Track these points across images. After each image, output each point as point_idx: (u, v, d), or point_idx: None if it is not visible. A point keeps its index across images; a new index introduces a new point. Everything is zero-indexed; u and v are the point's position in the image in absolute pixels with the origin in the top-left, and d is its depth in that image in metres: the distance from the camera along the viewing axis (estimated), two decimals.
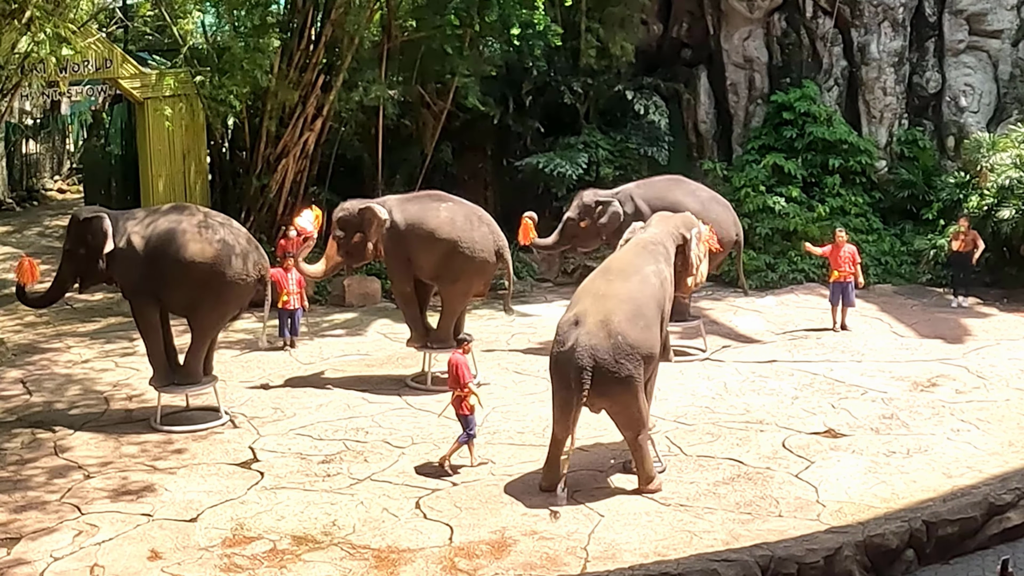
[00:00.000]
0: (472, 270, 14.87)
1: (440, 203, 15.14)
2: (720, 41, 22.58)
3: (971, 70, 21.82)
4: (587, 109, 22.26)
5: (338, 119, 20.84)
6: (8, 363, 16.10)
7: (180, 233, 13.23)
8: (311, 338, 17.30)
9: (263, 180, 20.38)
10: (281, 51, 19.90)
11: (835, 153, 21.16)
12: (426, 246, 14.69)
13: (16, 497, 11.53)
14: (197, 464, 12.38)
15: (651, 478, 11.37)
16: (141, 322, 13.65)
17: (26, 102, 27.20)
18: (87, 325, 18.12)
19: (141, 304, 13.53)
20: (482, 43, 21.27)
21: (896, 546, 10.58)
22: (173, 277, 13.20)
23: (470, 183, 21.85)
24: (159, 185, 20.49)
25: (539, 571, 9.89)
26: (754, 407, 13.93)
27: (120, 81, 20.23)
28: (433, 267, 14.79)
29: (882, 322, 17.74)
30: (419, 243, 14.70)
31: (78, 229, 13.44)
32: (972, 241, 18.49)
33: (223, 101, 19.49)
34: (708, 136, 22.83)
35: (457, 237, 14.66)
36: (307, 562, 10.10)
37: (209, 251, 13.19)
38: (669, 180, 17.24)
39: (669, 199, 16.11)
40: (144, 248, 13.25)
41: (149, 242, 13.28)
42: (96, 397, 14.73)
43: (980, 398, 14.19)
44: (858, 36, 21.78)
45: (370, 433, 13.23)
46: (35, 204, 28.98)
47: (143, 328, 13.67)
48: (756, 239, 20.63)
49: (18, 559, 10.19)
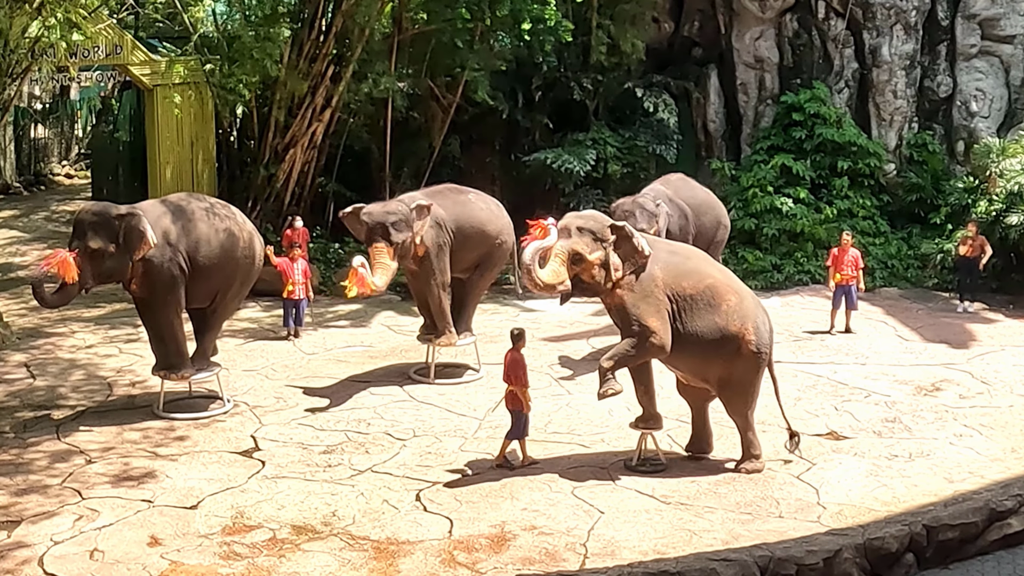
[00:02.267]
0: (502, 260, 15.37)
1: (468, 195, 15.29)
2: (731, 40, 22.54)
3: (983, 75, 21.76)
4: (596, 106, 22.24)
5: (347, 110, 20.83)
6: (12, 347, 16.12)
7: (210, 226, 13.42)
8: (315, 328, 17.30)
9: (271, 170, 20.39)
10: (291, 41, 19.92)
11: (844, 155, 21.13)
12: (474, 239, 14.83)
13: (18, 480, 11.55)
14: (199, 452, 12.40)
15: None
16: (171, 317, 13.32)
17: (35, 87, 27.27)
18: (92, 311, 18.14)
19: (174, 299, 13.26)
20: (492, 37, 21.27)
21: (896, 549, 10.56)
22: (207, 269, 13.36)
23: (477, 177, 21.82)
24: (167, 173, 20.51)
25: (538, 566, 9.88)
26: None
27: (130, 68, 20.26)
28: (475, 259, 15.00)
29: (887, 325, 17.71)
30: (466, 237, 14.74)
31: (110, 226, 12.76)
32: (980, 246, 18.45)
33: (232, 90, 19.50)
34: (717, 135, 22.79)
35: (499, 229, 15.06)
36: (306, 552, 10.10)
37: (236, 239, 13.60)
38: (680, 179, 17.31)
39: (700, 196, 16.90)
40: (179, 243, 13.17)
41: (186, 238, 13.23)
42: (99, 382, 14.75)
43: (984, 403, 14.16)
44: (870, 38, 21.73)
45: (372, 424, 13.23)
46: (42, 189, 29.06)
47: (173, 323, 13.35)
48: (763, 240, 20.60)
49: (18, 542, 10.21)
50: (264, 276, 18.88)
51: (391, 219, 13.85)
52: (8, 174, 28.24)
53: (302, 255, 17.22)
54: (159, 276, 13.05)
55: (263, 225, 20.43)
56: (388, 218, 13.85)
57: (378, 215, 13.91)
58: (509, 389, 11.95)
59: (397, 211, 13.96)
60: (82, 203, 26.59)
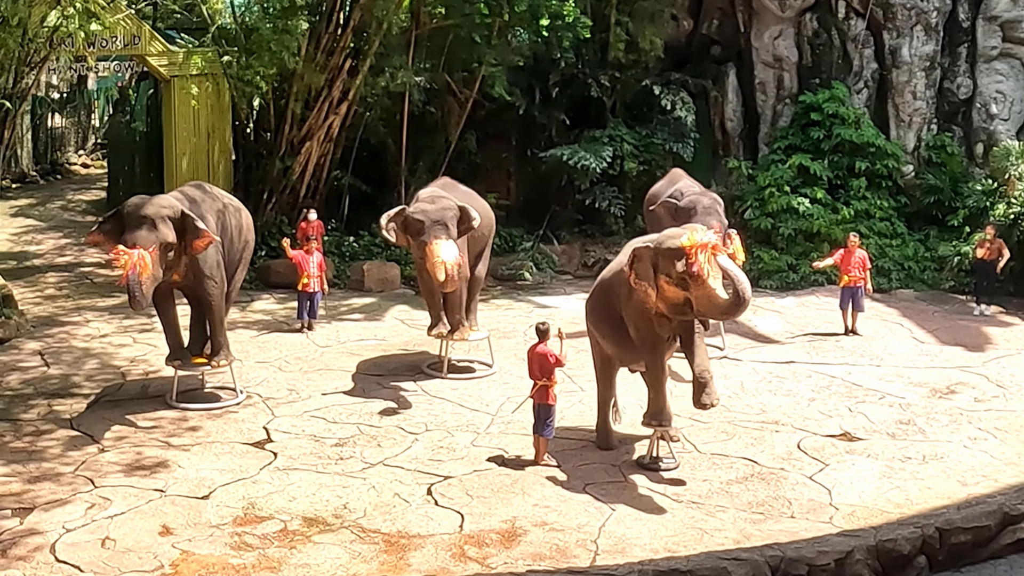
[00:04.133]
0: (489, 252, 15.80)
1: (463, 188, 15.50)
2: (750, 39, 22.47)
3: (1003, 77, 21.63)
4: (613, 103, 22.20)
5: (363, 104, 20.85)
6: (27, 335, 16.18)
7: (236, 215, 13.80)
8: (329, 321, 17.31)
9: (286, 162, 20.41)
10: (309, 34, 19.92)
11: (862, 156, 21.04)
12: (482, 231, 15.07)
13: (31, 468, 11.58)
14: (211, 442, 12.41)
15: None
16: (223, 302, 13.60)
17: (53, 76, 27.33)
18: (106, 300, 18.20)
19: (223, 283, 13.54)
20: (510, 33, 21.25)
21: (908, 552, 10.50)
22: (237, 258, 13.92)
23: (493, 172, 21.86)
24: (183, 163, 20.55)
25: (548, 562, 9.85)
26: (770, 407, 13.86)
27: (147, 58, 20.30)
28: (479, 251, 15.34)
29: (903, 327, 17.63)
30: (482, 229, 15.00)
31: (177, 221, 12.66)
32: (997, 250, 18.35)
33: (249, 82, 19.53)
34: (734, 134, 22.73)
35: (491, 221, 15.42)
36: (317, 544, 10.10)
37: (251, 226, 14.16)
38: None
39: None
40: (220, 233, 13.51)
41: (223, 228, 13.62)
42: (113, 371, 14.79)
43: (999, 407, 14.08)
44: (890, 39, 21.62)
45: (384, 418, 13.22)
46: (58, 178, 29.17)
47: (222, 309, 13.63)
48: (779, 239, 20.53)
49: (31, 529, 10.23)
50: (278, 268, 19.04)
51: (449, 215, 14.18)
52: (25, 163, 28.36)
53: (317, 248, 17.25)
54: (208, 265, 13.26)
55: (278, 217, 20.51)
56: (446, 214, 14.15)
57: (436, 213, 14.12)
58: (540, 383, 11.90)
59: (452, 207, 14.30)
60: (100, 192, 26.78)
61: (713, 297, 10.98)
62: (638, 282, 11.23)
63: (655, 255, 11.22)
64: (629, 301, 11.56)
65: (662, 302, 11.24)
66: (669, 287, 11.13)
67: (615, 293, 11.78)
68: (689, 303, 11.14)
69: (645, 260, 11.27)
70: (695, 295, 11.02)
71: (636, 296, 11.41)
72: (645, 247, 11.37)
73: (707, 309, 11.19)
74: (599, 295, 12.12)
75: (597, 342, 12.28)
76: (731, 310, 11.16)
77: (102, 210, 25.27)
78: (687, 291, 11.07)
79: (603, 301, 11.99)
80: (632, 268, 11.30)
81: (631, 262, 11.34)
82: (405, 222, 14.28)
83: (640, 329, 11.57)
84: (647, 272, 11.22)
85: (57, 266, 20.59)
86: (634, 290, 11.39)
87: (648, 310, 11.40)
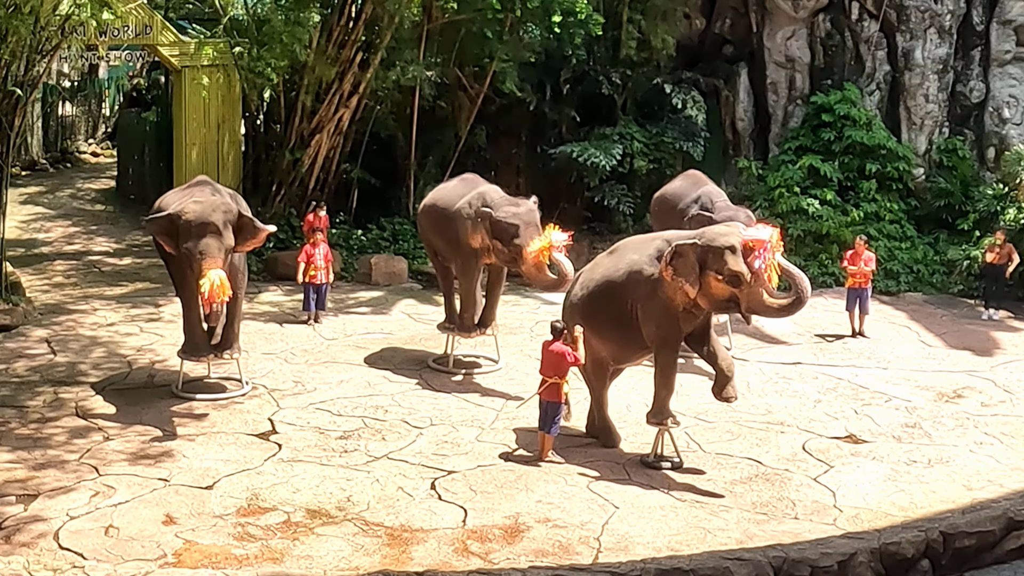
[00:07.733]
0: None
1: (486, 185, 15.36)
2: (763, 39, 22.41)
3: (1016, 81, 21.54)
4: (624, 100, 22.15)
5: (374, 97, 20.82)
6: (35, 322, 16.20)
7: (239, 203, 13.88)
8: (335, 314, 17.32)
9: (296, 154, 20.42)
10: (321, 26, 19.90)
11: (873, 158, 20.97)
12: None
13: (36, 455, 11.61)
14: (216, 432, 12.43)
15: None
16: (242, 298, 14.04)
17: (64, 64, 27.35)
18: (114, 289, 18.23)
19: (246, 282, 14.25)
20: (522, 29, 21.21)
21: (912, 555, 10.49)
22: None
23: (503, 168, 21.82)
24: (192, 154, 20.56)
25: (551, 558, 9.85)
26: (776, 408, 13.84)
27: (159, 48, 20.31)
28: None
29: (910, 330, 17.58)
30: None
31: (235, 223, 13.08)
32: (1007, 254, 18.30)
33: (260, 73, 19.51)
34: (745, 134, 22.68)
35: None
36: (320, 536, 10.11)
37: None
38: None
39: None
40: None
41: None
42: (120, 360, 14.81)
43: (1005, 412, 14.04)
44: (903, 41, 21.55)
45: (389, 412, 13.23)
46: (68, 166, 29.21)
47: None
48: (788, 241, 20.43)
49: (35, 516, 10.26)
50: (286, 260, 19.06)
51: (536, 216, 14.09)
52: (35, 151, 28.40)
53: (323, 240, 17.26)
54: (243, 261, 13.89)
55: (287, 209, 20.50)
56: (535, 216, 14.05)
57: (527, 214, 14.01)
58: (551, 380, 11.86)
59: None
60: (109, 181, 26.80)
61: (767, 296, 10.93)
62: (676, 278, 11.13)
63: (703, 252, 11.11)
64: (652, 299, 11.42)
65: (704, 298, 11.16)
66: (718, 284, 11.06)
67: (628, 292, 11.65)
68: (734, 300, 11.08)
69: (689, 256, 11.14)
70: (746, 292, 10.95)
71: (663, 293, 11.31)
72: (690, 244, 11.22)
73: (759, 307, 11.12)
74: (600, 295, 11.90)
75: (591, 343, 12.00)
76: (788, 309, 11.14)
77: (111, 199, 25.36)
78: (737, 288, 11.00)
79: (607, 301, 11.83)
80: (671, 264, 11.20)
81: (671, 259, 11.22)
82: (495, 227, 14.00)
83: (662, 326, 11.46)
84: (689, 269, 11.09)
85: (65, 254, 20.63)
86: (660, 287, 11.30)
87: (676, 307, 11.33)
